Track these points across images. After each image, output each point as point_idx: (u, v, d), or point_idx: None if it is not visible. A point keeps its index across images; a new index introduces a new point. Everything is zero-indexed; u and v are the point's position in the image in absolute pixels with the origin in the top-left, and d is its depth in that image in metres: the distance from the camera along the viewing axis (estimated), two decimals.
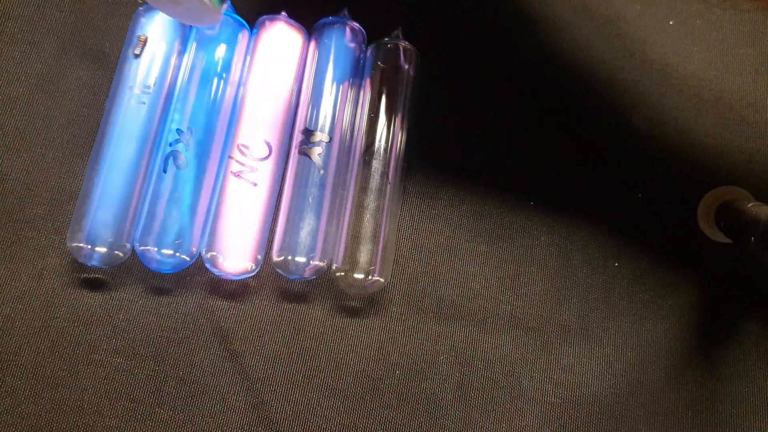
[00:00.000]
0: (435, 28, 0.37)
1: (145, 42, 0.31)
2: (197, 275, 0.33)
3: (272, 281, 0.34)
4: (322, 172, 0.33)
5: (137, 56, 0.32)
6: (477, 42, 0.37)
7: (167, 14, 0.31)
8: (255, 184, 0.32)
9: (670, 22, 0.39)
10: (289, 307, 0.33)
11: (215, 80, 0.33)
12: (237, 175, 0.32)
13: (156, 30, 0.34)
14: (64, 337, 0.32)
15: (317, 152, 0.33)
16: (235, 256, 0.32)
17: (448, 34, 0.37)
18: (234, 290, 0.33)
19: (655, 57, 0.38)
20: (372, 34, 0.36)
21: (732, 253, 0.36)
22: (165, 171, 0.32)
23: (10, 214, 0.33)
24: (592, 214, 0.36)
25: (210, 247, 0.32)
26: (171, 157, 0.32)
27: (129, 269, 0.33)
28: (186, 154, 0.32)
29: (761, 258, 0.32)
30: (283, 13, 0.35)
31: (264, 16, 0.35)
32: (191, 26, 0.34)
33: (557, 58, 0.38)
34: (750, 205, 0.34)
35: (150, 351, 0.32)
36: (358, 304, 0.34)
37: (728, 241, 0.36)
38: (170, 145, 0.32)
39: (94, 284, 0.33)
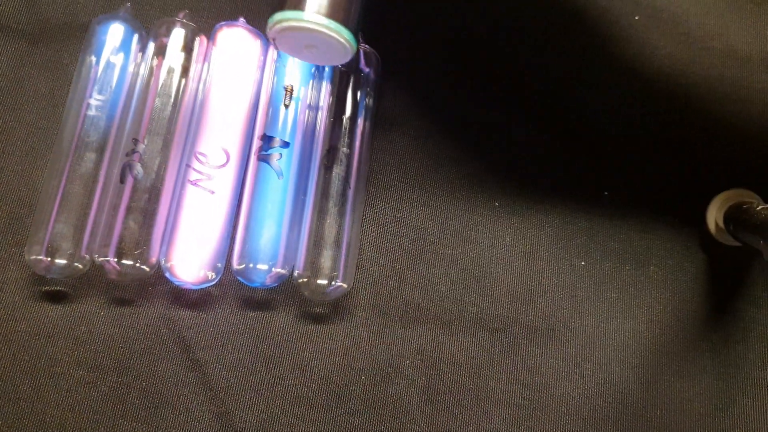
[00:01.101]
0: (394, 30, 0.37)
1: (291, 91, 0.32)
2: (159, 285, 0.33)
3: (234, 289, 0.33)
4: (280, 178, 0.33)
5: (287, 106, 0.33)
6: (437, 42, 0.37)
7: (298, 58, 0.31)
8: (212, 192, 0.32)
9: (636, 17, 0.39)
10: (252, 315, 0.33)
11: (173, 87, 0.33)
12: (194, 183, 0.32)
13: (113, 39, 0.34)
14: (25, 350, 0.31)
15: (276, 158, 0.33)
16: (194, 264, 0.32)
17: (407, 35, 0.37)
18: (196, 299, 0.33)
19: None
20: None
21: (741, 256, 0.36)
22: (122, 182, 0.32)
23: None
24: (557, 214, 0.36)
25: (169, 256, 0.32)
26: (128, 168, 0.32)
27: (90, 281, 0.32)
28: (143, 163, 0.32)
29: None
30: (242, 19, 0.35)
31: (222, 23, 0.35)
32: (148, 36, 0.34)
33: (522, 52, 0.38)
34: (759, 207, 0.33)
35: (112, 363, 0.32)
36: (322, 310, 0.34)
37: (737, 244, 0.35)
38: (127, 155, 0.32)
39: (55, 297, 0.32)
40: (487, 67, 0.37)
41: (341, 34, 0.27)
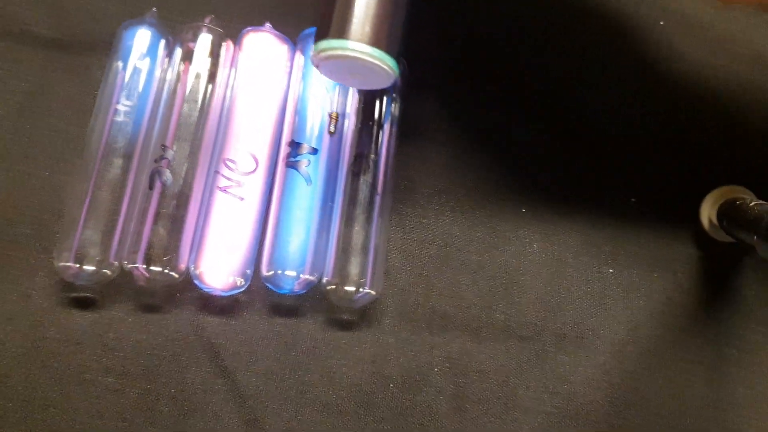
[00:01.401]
0: (420, 34, 0.37)
1: (336, 118, 0.32)
2: (187, 291, 0.33)
3: (262, 296, 0.33)
4: (309, 184, 0.33)
5: (332, 134, 0.33)
6: (463, 47, 0.37)
7: (340, 83, 0.32)
8: (242, 199, 0.32)
9: (661, 23, 0.39)
10: (280, 321, 0.33)
11: (201, 93, 0.33)
12: (223, 190, 0.32)
13: (140, 45, 0.33)
14: (54, 357, 0.31)
15: (304, 164, 0.33)
16: (224, 271, 0.31)
17: (433, 40, 0.37)
18: (224, 306, 0.33)
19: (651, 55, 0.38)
20: None
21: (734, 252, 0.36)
22: (151, 188, 0.31)
23: None
24: (585, 220, 0.36)
25: (198, 263, 0.32)
26: (157, 174, 0.32)
27: (118, 287, 0.32)
28: (172, 170, 0.32)
29: (764, 257, 0.31)
30: (268, 24, 0.35)
31: (248, 28, 0.35)
32: (174, 41, 0.34)
33: (548, 60, 0.38)
34: (752, 203, 0.34)
35: (141, 369, 0.32)
36: (349, 317, 0.33)
37: (731, 240, 0.35)
38: (155, 161, 0.32)
39: (84, 303, 0.32)
40: (515, 72, 0.37)
41: (385, 62, 0.27)
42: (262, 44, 0.34)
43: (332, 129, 0.33)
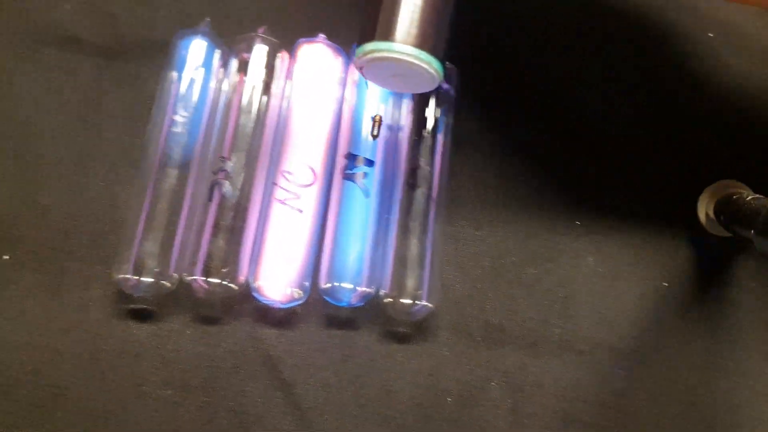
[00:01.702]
0: (474, 46, 0.37)
1: (380, 121, 0.32)
2: (243, 303, 0.33)
3: (318, 307, 0.33)
4: (368, 197, 0.33)
5: (375, 137, 0.32)
6: (517, 59, 0.37)
7: (383, 87, 0.31)
8: (300, 211, 0.32)
9: (710, 34, 0.39)
10: (336, 333, 0.33)
11: (257, 104, 0.33)
12: (282, 201, 0.32)
13: (195, 55, 0.33)
14: (112, 369, 0.31)
15: (361, 177, 0.33)
16: (283, 283, 0.31)
17: (488, 52, 0.37)
18: (281, 318, 0.33)
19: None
20: None
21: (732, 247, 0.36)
22: (210, 200, 0.31)
23: (54, 246, 0.32)
24: (638, 234, 0.36)
25: (257, 275, 0.31)
26: (216, 185, 0.31)
27: (176, 298, 0.32)
28: (231, 181, 0.31)
29: (761, 250, 0.31)
30: (322, 35, 0.35)
31: (302, 39, 0.34)
32: (229, 51, 0.34)
33: (596, 75, 0.38)
34: (749, 198, 0.34)
35: (199, 382, 0.32)
36: (405, 330, 0.33)
37: (728, 235, 0.35)
38: (215, 173, 0.32)
39: (141, 315, 0.32)
40: (564, 84, 0.37)
41: (431, 65, 0.27)
42: (317, 55, 0.34)
43: (375, 132, 0.33)
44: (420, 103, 0.34)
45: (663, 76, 0.38)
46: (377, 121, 0.33)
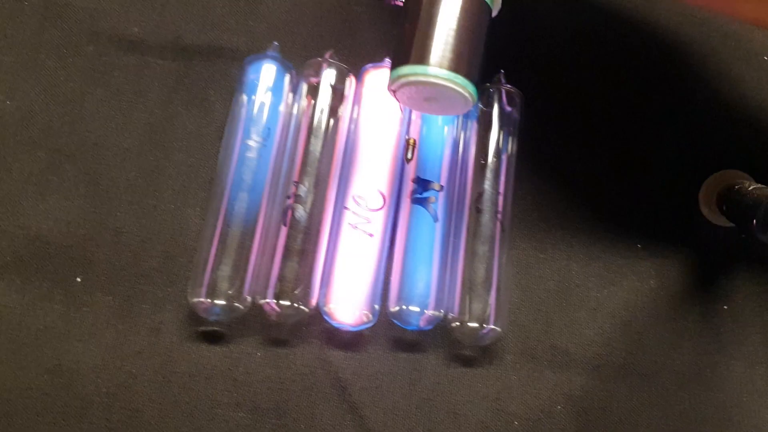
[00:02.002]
0: (538, 71, 0.37)
1: (414, 144, 0.32)
2: (312, 325, 0.33)
3: (385, 330, 0.33)
4: (436, 221, 0.33)
5: (408, 161, 0.33)
6: (581, 84, 0.37)
7: (416, 110, 0.32)
8: (371, 235, 0.32)
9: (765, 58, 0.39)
10: (403, 356, 0.33)
11: (328, 128, 0.33)
12: (354, 226, 0.32)
13: (266, 79, 0.34)
14: (185, 392, 0.32)
15: (431, 201, 0.33)
16: (354, 306, 0.32)
17: (552, 77, 0.37)
18: (349, 340, 0.33)
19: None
20: None
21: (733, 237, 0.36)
22: (284, 224, 0.32)
23: (126, 269, 0.33)
24: (698, 256, 0.36)
25: (328, 298, 0.32)
26: (290, 210, 0.32)
27: (245, 321, 0.32)
28: (304, 205, 0.32)
29: (763, 240, 0.31)
30: (388, 60, 0.35)
31: (369, 64, 0.35)
32: (298, 75, 0.34)
33: (660, 97, 0.38)
34: (751, 188, 0.34)
35: (271, 404, 0.32)
36: (471, 353, 0.34)
37: (730, 224, 0.35)
38: (288, 197, 0.32)
39: (212, 337, 0.32)
40: (626, 108, 0.37)
41: (465, 88, 0.27)
42: (384, 80, 0.35)
43: (409, 156, 0.33)
44: (485, 126, 0.35)
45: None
46: (411, 145, 0.33)
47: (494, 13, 0.28)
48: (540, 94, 0.37)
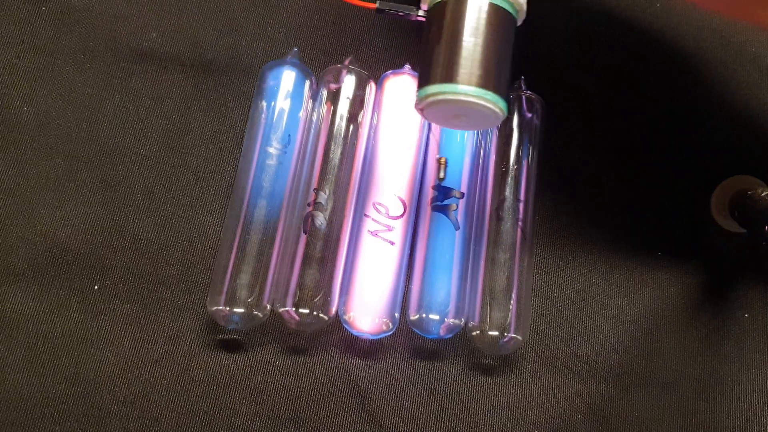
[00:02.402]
0: (559, 78, 0.37)
1: (445, 164, 0.32)
2: (330, 333, 0.33)
3: (404, 338, 0.33)
4: (457, 230, 0.33)
5: (442, 180, 0.32)
6: (602, 91, 0.37)
7: (445, 127, 0.31)
8: (392, 243, 0.32)
9: None
10: (422, 365, 0.33)
11: (348, 136, 0.33)
12: (374, 234, 0.32)
13: (286, 85, 0.33)
14: (203, 400, 0.31)
15: (452, 208, 0.33)
16: (374, 315, 0.31)
17: (573, 84, 0.37)
18: (368, 349, 0.33)
19: None
20: None
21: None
22: (305, 231, 0.31)
23: (144, 276, 0.33)
24: (718, 265, 0.36)
25: (348, 307, 0.32)
26: (311, 217, 0.32)
27: (264, 329, 0.32)
28: (324, 213, 0.32)
29: None
30: (407, 66, 0.35)
31: (389, 71, 0.35)
32: (318, 82, 0.34)
33: (683, 104, 0.38)
34: (764, 193, 0.33)
35: (290, 413, 0.32)
36: (491, 362, 0.33)
37: (742, 230, 0.35)
38: (309, 205, 0.32)
39: (231, 345, 0.32)
40: (648, 113, 0.37)
41: (496, 104, 0.26)
42: (403, 86, 0.34)
43: (441, 175, 0.33)
44: (506, 133, 0.35)
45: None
46: (443, 164, 0.33)
47: (519, 23, 0.28)
48: (559, 102, 0.36)
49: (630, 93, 0.38)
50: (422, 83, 0.27)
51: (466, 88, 0.26)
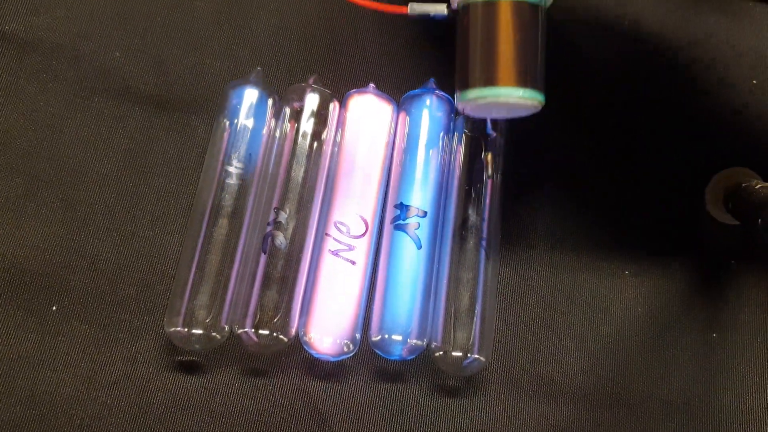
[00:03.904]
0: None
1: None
2: (291, 355, 0.32)
3: (367, 360, 0.33)
4: (419, 248, 0.32)
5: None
6: (571, 105, 0.37)
7: (486, 117, 0.33)
8: (354, 263, 0.32)
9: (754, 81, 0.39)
10: (385, 387, 0.32)
11: (310, 154, 0.33)
12: (335, 253, 0.32)
13: (248, 104, 0.33)
14: (161, 424, 0.31)
15: (413, 227, 0.33)
16: (336, 337, 0.31)
17: (559, 86, 0.36)
18: (330, 370, 0.32)
19: None
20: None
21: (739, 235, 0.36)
22: (265, 252, 0.31)
23: (102, 296, 0.32)
24: (686, 284, 0.35)
25: (309, 328, 0.31)
26: (270, 237, 0.31)
27: (223, 350, 0.32)
28: (285, 233, 0.31)
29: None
30: (372, 86, 0.35)
31: (353, 90, 0.35)
32: (281, 101, 0.34)
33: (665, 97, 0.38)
34: (758, 186, 0.33)
35: None
36: (455, 384, 0.33)
37: (736, 223, 0.35)
38: (269, 224, 0.32)
39: (190, 367, 0.32)
40: (618, 136, 0.37)
41: (535, 99, 0.28)
42: (367, 106, 0.34)
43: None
44: (470, 152, 0.34)
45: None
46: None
47: (548, 4, 0.29)
48: (528, 120, 0.36)
49: (621, 92, 0.38)
50: (462, 86, 0.28)
51: (505, 90, 0.27)
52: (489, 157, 0.34)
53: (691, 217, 0.36)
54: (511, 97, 0.27)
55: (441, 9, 0.30)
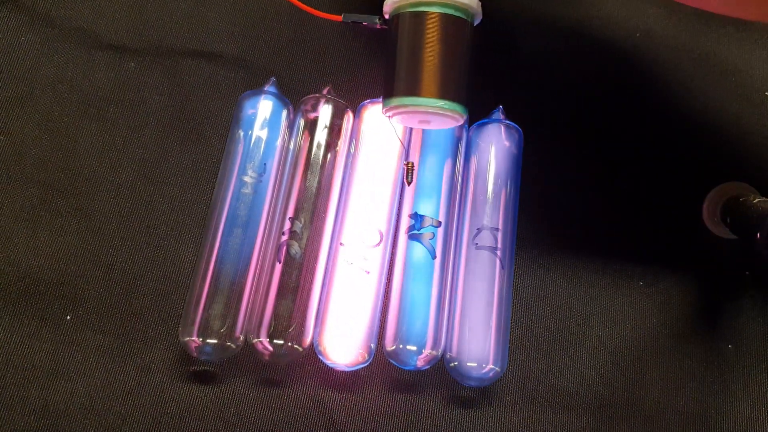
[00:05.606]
0: (536, 108, 0.37)
1: (412, 168, 0.32)
2: (305, 365, 0.32)
3: (381, 370, 0.32)
4: (434, 258, 0.32)
5: (409, 183, 0.32)
6: (580, 120, 0.37)
7: (414, 127, 0.33)
8: (368, 272, 0.32)
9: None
10: (400, 397, 0.32)
11: (325, 165, 0.33)
12: (350, 263, 0.32)
13: (263, 114, 0.33)
14: None
15: (428, 237, 0.33)
16: (350, 346, 0.31)
17: (550, 113, 0.37)
18: (345, 381, 0.32)
19: None
20: (472, 114, 0.36)
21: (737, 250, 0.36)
22: (279, 261, 0.31)
23: (117, 306, 0.32)
24: (701, 295, 0.35)
25: (323, 337, 0.31)
26: (285, 247, 0.31)
27: (237, 360, 0.32)
28: (299, 242, 0.31)
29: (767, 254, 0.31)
30: None
31: (366, 100, 0.35)
32: (295, 111, 0.34)
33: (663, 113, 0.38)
34: (756, 200, 0.33)
35: None
36: (470, 394, 0.33)
37: (734, 237, 0.35)
38: (283, 234, 0.32)
39: (204, 377, 0.32)
40: (630, 143, 0.37)
41: (455, 110, 0.29)
42: (381, 116, 0.34)
43: (409, 179, 0.33)
44: (484, 162, 0.34)
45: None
46: (410, 168, 0.33)
47: (477, 22, 0.30)
48: (541, 126, 0.36)
49: (615, 109, 0.38)
50: (387, 93, 0.29)
51: (425, 100, 0.28)
52: (503, 167, 0.35)
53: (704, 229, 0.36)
54: (431, 108, 0.28)
55: (372, 18, 0.31)
